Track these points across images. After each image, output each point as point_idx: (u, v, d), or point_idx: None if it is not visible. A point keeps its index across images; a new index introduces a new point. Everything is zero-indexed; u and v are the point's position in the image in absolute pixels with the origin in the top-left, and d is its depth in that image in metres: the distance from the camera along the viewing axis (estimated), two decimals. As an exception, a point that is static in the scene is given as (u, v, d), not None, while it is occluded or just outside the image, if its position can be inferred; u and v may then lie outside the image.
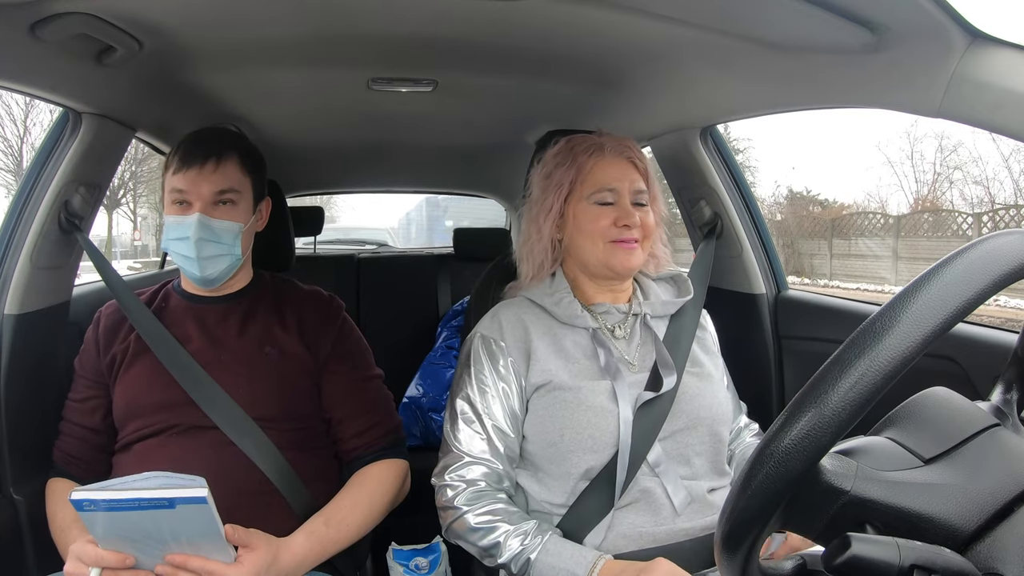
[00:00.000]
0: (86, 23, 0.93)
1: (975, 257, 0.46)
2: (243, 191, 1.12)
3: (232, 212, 1.10)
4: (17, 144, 15.53)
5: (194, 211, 1.08)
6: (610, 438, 0.95)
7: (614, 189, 1.02)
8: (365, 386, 1.18)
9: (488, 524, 0.94)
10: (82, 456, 1.11)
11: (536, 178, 1.09)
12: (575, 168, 1.03)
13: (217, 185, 1.08)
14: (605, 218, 1.01)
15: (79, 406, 1.13)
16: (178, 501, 0.79)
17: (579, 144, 1.05)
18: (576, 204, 1.03)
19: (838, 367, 0.45)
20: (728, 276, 1.59)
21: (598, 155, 1.03)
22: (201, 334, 1.12)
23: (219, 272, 1.11)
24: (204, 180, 1.08)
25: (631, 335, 1.05)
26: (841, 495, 0.50)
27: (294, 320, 1.16)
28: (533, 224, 1.07)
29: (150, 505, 0.80)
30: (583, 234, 1.02)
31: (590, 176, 1.02)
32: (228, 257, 1.11)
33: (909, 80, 0.87)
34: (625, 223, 1.00)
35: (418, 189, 3.25)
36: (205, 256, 1.08)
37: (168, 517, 0.81)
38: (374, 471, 1.12)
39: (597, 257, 1.02)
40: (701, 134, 1.49)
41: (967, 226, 11.92)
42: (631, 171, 1.04)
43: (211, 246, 1.09)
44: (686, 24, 0.99)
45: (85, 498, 0.80)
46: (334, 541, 1.03)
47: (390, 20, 1.06)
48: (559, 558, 0.89)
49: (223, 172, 1.09)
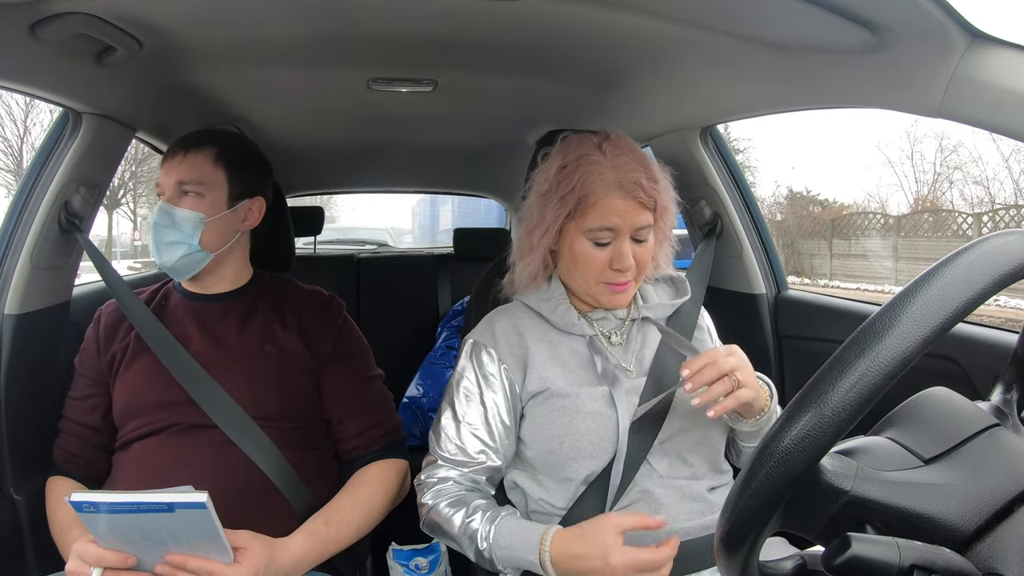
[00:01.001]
0: (86, 23, 0.93)
1: (975, 257, 0.46)
2: (211, 183, 1.13)
3: (196, 203, 1.12)
4: (17, 144, 15.54)
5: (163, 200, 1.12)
6: (609, 444, 0.95)
7: (614, 229, 0.95)
8: (365, 386, 1.18)
9: (449, 516, 0.96)
10: (82, 454, 1.11)
11: (537, 182, 1.02)
12: (576, 199, 0.95)
13: (181, 175, 1.11)
14: (600, 259, 0.96)
15: (79, 404, 1.13)
16: (177, 506, 0.79)
17: (587, 164, 0.95)
18: (573, 234, 0.97)
19: (838, 367, 0.45)
20: (728, 276, 1.59)
21: (604, 191, 0.94)
22: (201, 333, 1.12)
23: (175, 260, 1.11)
24: (172, 170, 1.12)
25: (628, 340, 1.05)
26: (841, 495, 0.50)
27: (294, 319, 1.16)
28: (527, 238, 1.03)
29: (150, 509, 0.80)
30: (576, 267, 0.99)
31: (592, 211, 0.94)
32: (184, 246, 1.11)
33: (909, 80, 0.87)
34: (618, 267, 0.96)
35: (418, 189, 3.25)
36: (163, 242, 1.11)
37: (167, 521, 0.81)
38: (374, 471, 1.12)
39: (587, 291, 1.01)
40: (701, 134, 1.49)
41: (967, 226, 11.92)
42: (637, 210, 0.96)
43: (169, 232, 1.10)
44: (686, 24, 0.99)
45: (85, 500, 0.80)
46: (334, 541, 1.03)
47: (390, 20, 1.06)
48: (511, 549, 0.90)
49: (190, 163, 1.12)
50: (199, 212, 1.11)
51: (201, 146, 1.13)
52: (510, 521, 0.93)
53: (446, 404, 1.03)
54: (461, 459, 0.99)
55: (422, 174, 2.68)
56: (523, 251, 1.05)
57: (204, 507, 0.79)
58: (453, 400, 1.02)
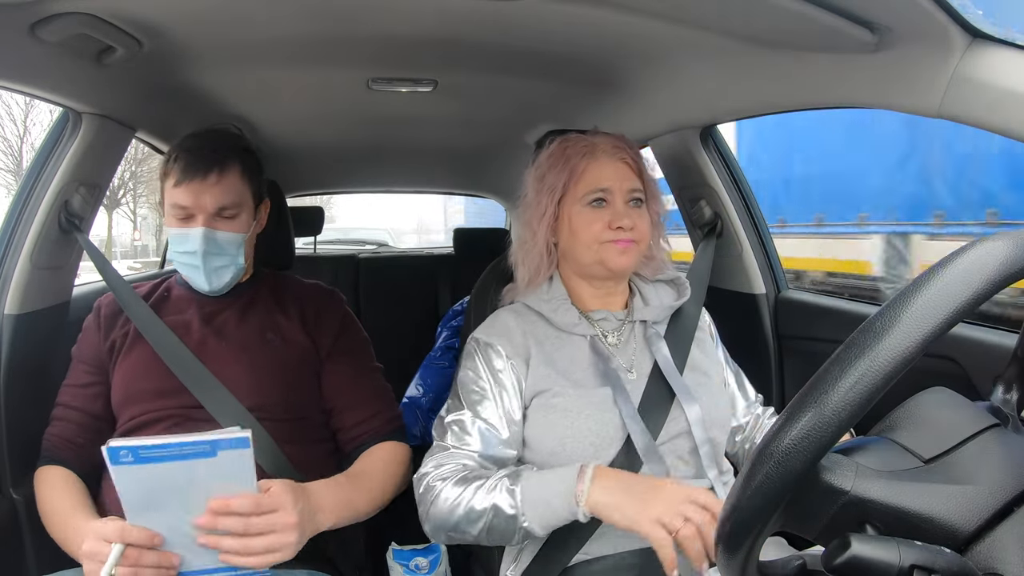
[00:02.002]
0: (86, 23, 0.93)
1: (975, 257, 0.46)
2: (244, 202, 1.13)
3: (235, 224, 1.11)
4: (17, 144, 15.55)
5: (198, 224, 1.08)
6: (610, 445, 0.95)
7: (607, 189, 1.00)
8: (368, 376, 1.19)
9: (458, 495, 0.91)
10: (80, 443, 1.09)
11: (530, 180, 1.07)
12: (568, 170, 1.02)
13: (219, 200, 1.08)
14: (599, 221, 1.00)
15: (81, 391, 1.12)
16: (220, 445, 0.76)
17: (572, 145, 1.04)
18: (570, 207, 1.02)
19: (838, 367, 0.45)
20: (728, 276, 1.59)
21: (591, 156, 1.02)
22: (202, 323, 1.13)
23: (225, 282, 1.13)
24: (206, 193, 1.08)
25: (628, 341, 1.05)
26: (841, 495, 0.50)
27: (297, 310, 1.17)
28: (528, 228, 1.06)
29: (191, 453, 0.76)
30: (577, 238, 1.01)
31: (583, 178, 1.01)
32: (233, 267, 1.13)
33: (909, 80, 0.87)
34: (619, 225, 0.99)
35: (418, 189, 3.25)
36: (212, 268, 1.10)
37: (206, 468, 0.77)
38: (382, 451, 1.13)
39: (591, 258, 1.01)
40: (701, 134, 1.49)
41: (967, 226, 11.91)
42: (625, 171, 1.02)
43: (217, 258, 1.10)
44: (686, 24, 0.99)
45: (122, 446, 0.75)
46: (352, 501, 1.01)
47: (390, 20, 1.06)
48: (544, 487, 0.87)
49: (225, 185, 1.09)
50: (240, 233, 1.12)
51: (228, 164, 1.10)
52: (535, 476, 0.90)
53: (458, 402, 1.01)
54: (474, 451, 0.97)
55: (422, 174, 2.68)
56: (525, 243, 1.06)
57: (247, 445, 0.76)
58: (463, 397, 1.01)
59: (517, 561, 1.01)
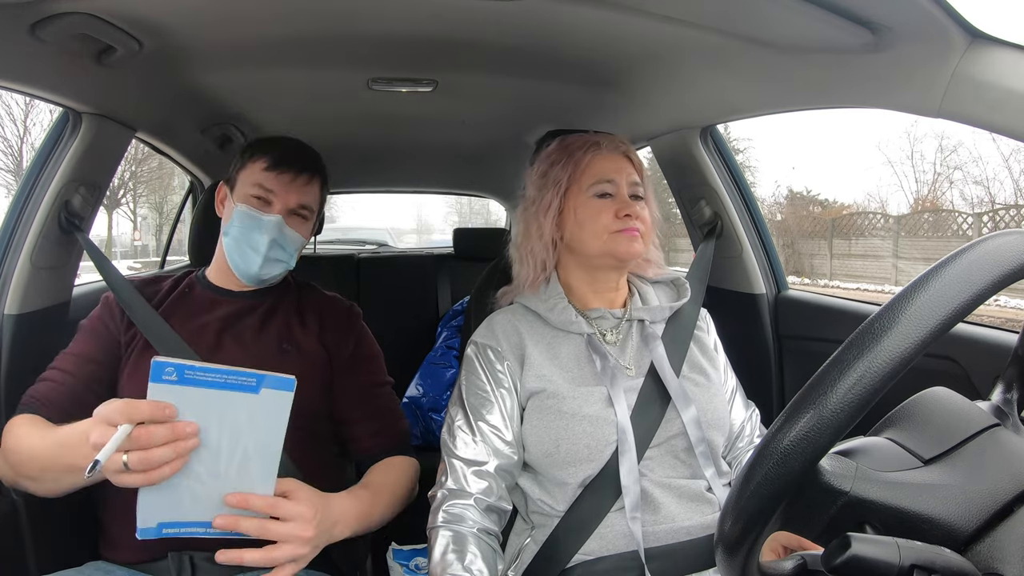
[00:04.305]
0: (86, 23, 0.93)
1: (975, 257, 0.46)
2: (315, 211, 1.17)
3: (303, 227, 1.15)
4: (17, 144, 15.54)
5: (274, 212, 1.11)
6: (606, 446, 0.95)
7: (612, 181, 1.02)
8: (380, 391, 1.20)
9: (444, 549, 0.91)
10: (65, 408, 0.99)
11: (532, 177, 1.08)
12: (572, 164, 1.04)
13: (303, 199, 1.13)
14: (606, 211, 1.01)
15: (84, 364, 1.05)
16: (265, 382, 0.75)
17: (574, 142, 1.06)
18: (575, 199, 1.03)
19: (837, 368, 0.45)
20: (728, 276, 1.59)
21: (594, 150, 1.04)
22: (220, 326, 1.12)
23: (273, 275, 1.15)
24: (295, 189, 1.12)
25: (626, 340, 1.05)
26: (841, 495, 0.50)
27: (315, 321, 1.18)
28: (533, 222, 1.07)
29: (235, 384, 0.74)
30: (585, 229, 1.02)
31: (588, 170, 1.03)
32: (285, 265, 1.15)
33: (909, 80, 0.87)
34: (627, 213, 1.00)
35: (418, 189, 3.25)
36: (271, 257, 1.12)
37: (245, 405, 0.75)
38: (395, 462, 1.13)
39: (600, 248, 1.02)
40: (701, 134, 1.49)
41: (967, 226, 11.92)
42: (627, 165, 1.05)
43: (278, 250, 1.13)
44: (686, 24, 0.99)
45: (168, 362, 0.72)
46: (370, 513, 1.01)
47: (390, 20, 1.06)
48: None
49: (311, 189, 1.14)
50: (304, 237, 1.16)
51: (317, 172, 1.15)
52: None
53: (461, 407, 1.01)
54: (484, 459, 0.97)
55: (422, 174, 2.68)
56: (530, 237, 1.07)
57: (291, 387, 0.75)
58: (466, 402, 1.01)
59: (517, 561, 1.01)
